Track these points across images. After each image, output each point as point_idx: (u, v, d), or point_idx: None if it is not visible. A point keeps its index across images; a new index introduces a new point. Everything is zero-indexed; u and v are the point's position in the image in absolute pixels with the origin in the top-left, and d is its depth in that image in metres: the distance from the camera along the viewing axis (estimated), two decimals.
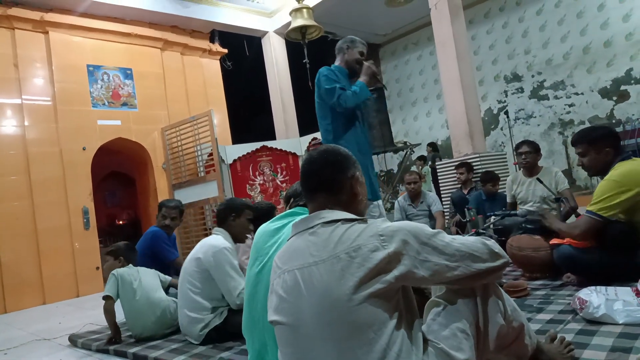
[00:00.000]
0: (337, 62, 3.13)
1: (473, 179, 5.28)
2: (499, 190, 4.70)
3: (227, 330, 2.56)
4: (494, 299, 1.32)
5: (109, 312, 2.92)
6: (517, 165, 4.09)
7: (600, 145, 2.48)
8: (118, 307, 2.95)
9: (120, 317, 2.97)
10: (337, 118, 2.99)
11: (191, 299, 2.63)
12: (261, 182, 7.04)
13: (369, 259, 1.13)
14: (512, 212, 3.42)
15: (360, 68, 3.07)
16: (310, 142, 7.23)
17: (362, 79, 3.01)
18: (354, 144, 2.97)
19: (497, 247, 1.29)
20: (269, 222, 1.94)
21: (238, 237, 2.88)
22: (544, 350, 1.51)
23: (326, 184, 1.33)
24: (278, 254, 1.35)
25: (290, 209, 2.03)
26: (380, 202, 3.00)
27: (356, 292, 1.11)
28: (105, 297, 2.91)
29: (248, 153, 7.00)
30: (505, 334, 1.32)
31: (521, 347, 1.41)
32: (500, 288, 1.38)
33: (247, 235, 2.97)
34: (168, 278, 3.29)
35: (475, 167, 5.55)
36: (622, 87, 7.97)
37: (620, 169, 2.34)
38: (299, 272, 1.21)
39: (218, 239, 2.69)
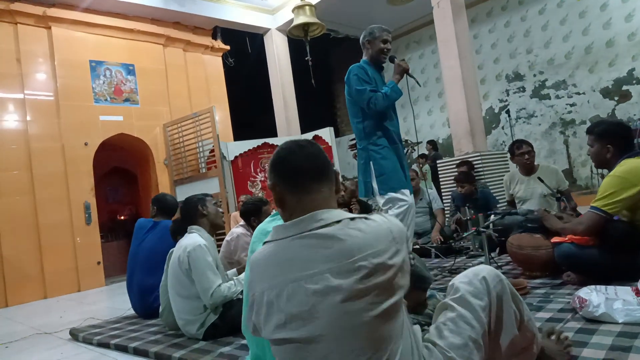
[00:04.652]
0: (364, 57, 3.12)
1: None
2: (490, 189, 4.64)
3: (226, 325, 2.57)
4: (512, 307, 1.31)
5: None
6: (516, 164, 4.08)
7: (604, 139, 2.49)
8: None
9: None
10: (368, 116, 2.99)
11: (181, 302, 2.63)
12: (262, 178, 7.05)
13: (389, 266, 1.06)
14: (513, 210, 3.42)
15: (385, 58, 3.07)
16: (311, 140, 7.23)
17: (394, 77, 2.99)
18: (390, 136, 2.99)
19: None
20: (266, 220, 1.92)
21: (216, 223, 2.87)
22: (542, 347, 1.52)
23: (327, 173, 1.22)
24: (265, 262, 1.17)
25: None
26: (408, 191, 2.96)
27: (375, 301, 1.04)
28: None
29: (250, 150, 7.01)
30: (518, 342, 1.32)
31: (528, 356, 1.40)
32: (520, 297, 1.35)
33: (224, 219, 2.95)
34: None
35: (476, 166, 5.56)
36: (624, 87, 7.96)
37: (625, 166, 2.35)
38: (310, 282, 1.07)
39: (192, 237, 2.66)
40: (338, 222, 1.11)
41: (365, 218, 1.14)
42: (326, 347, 1.06)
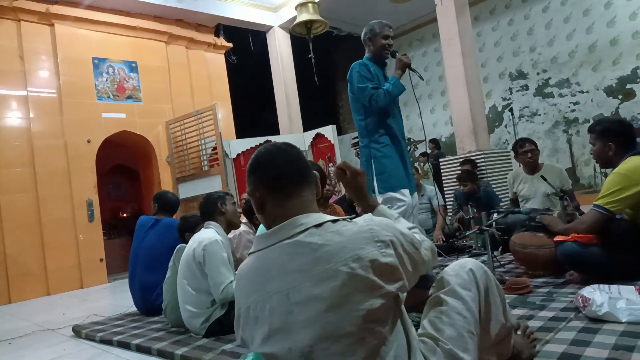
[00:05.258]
0: (366, 54, 3.11)
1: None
2: (493, 187, 4.65)
3: (230, 323, 2.56)
4: (498, 297, 1.34)
5: None
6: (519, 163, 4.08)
7: (605, 137, 2.48)
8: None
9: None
10: (370, 114, 2.98)
11: (189, 294, 2.63)
12: None
13: (370, 269, 1.02)
14: (516, 209, 3.42)
15: (388, 54, 3.05)
16: (313, 138, 7.24)
17: (396, 73, 2.97)
18: (393, 134, 2.97)
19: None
20: None
21: (233, 222, 2.91)
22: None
23: (307, 177, 1.19)
24: (247, 275, 1.15)
25: None
26: (408, 191, 2.91)
27: (359, 306, 1.00)
28: None
29: (252, 147, 7.01)
30: (502, 331, 1.35)
31: (507, 347, 1.44)
32: (501, 288, 1.39)
33: (241, 220, 2.95)
34: None
35: (479, 164, 5.55)
36: (628, 86, 7.93)
37: (629, 164, 2.34)
38: (290, 292, 1.04)
39: (209, 232, 2.68)
40: (318, 226, 1.08)
41: (347, 220, 1.11)
42: (314, 357, 1.02)
